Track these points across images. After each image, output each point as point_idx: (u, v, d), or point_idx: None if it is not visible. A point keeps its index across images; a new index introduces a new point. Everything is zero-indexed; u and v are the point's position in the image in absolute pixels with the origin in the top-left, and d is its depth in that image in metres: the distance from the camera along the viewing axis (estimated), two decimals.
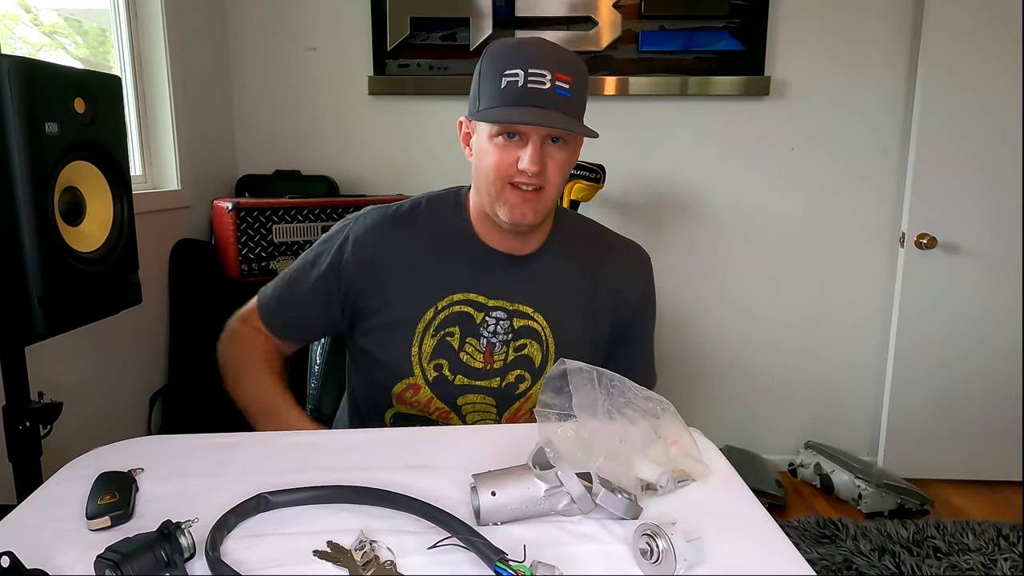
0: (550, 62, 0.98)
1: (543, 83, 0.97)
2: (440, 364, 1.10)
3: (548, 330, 1.12)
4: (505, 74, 0.98)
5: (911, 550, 2.08)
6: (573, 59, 1.03)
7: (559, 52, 1.03)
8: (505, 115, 0.99)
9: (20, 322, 1.07)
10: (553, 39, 2.39)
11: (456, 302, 1.10)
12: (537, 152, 0.99)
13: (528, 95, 0.97)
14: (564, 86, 0.98)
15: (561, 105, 0.98)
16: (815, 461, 2.59)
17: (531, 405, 1.11)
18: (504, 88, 0.98)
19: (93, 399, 1.73)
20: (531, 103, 0.97)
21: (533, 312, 1.12)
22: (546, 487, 0.70)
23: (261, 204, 2.17)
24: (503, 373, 1.11)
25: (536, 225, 1.08)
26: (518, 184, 1.02)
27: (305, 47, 2.48)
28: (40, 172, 1.05)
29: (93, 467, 0.80)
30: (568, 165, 1.05)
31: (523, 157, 1.00)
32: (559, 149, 1.02)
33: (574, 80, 0.99)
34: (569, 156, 1.05)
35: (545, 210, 1.06)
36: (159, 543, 0.60)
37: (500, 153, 1.01)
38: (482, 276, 1.11)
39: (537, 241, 1.13)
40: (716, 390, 2.70)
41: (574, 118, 1.00)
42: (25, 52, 1.80)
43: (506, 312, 1.11)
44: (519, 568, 0.58)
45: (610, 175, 2.26)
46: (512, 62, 0.98)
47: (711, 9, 2.41)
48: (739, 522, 0.73)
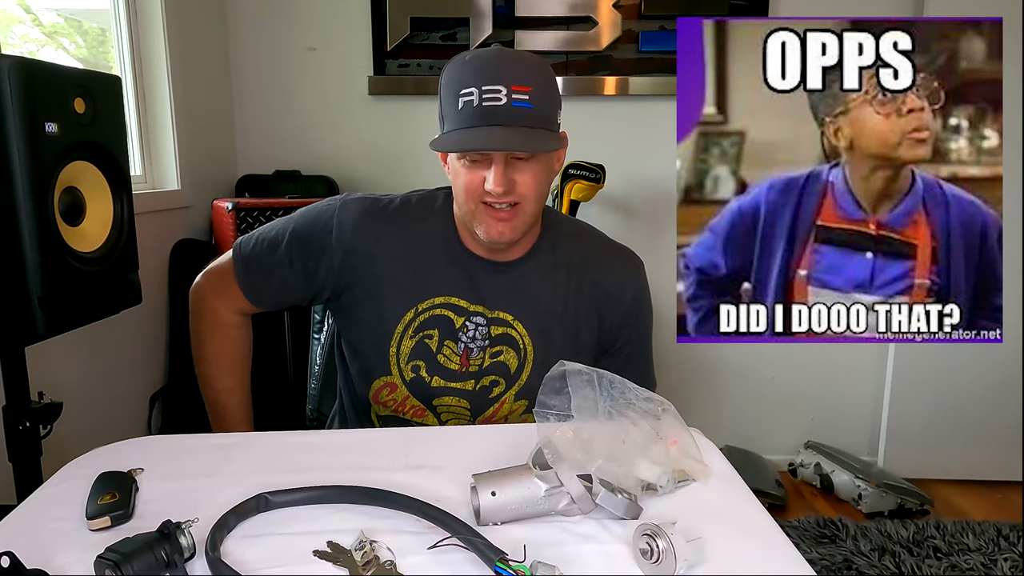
0: (504, 75, 0.95)
1: (499, 99, 0.94)
2: (418, 365, 1.10)
3: (527, 338, 1.11)
4: (461, 94, 0.96)
5: (911, 550, 2.08)
6: (531, 66, 1.00)
7: (515, 62, 1.00)
8: (461, 141, 0.97)
9: (20, 322, 1.07)
10: (553, 39, 2.43)
11: (437, 305, 1.09)
12: (501, 173, 0.97)
13: (484, 114, 0.95)
14: (522, 98, 0.95)
15: (521, 118, 0.95)
16: (815, 461, 2.58)
17: (505, 410, 1.11)
18: (461, 110, 0.96)
19: (93, 399, 1.73)
20: (489, 122, 0.95)
21: (513, 320, 1.11)
22: (546, 487, 0.70)
23: (261, 204, 2.17)
24: (478, 377, 1.10)
25: (516, 240, 1.06)
26: (491, 203, 1.00)
27: (305, 47, 2.48)
28: (40, 172, 1.05)
29: (93, 467, 0.80)
30: (543, 175, 1.02)
31: (488, 178, 0.98)
32: (528, 164, 0.99)
33: (534, 89, 0.96)
34: (543, 167, 1.02)
35: (524, 225, 1.04)
36: (159, 543, 0.60)
37: (468, 175, 1.00)
38: (465, 281, 1.10)
39: (522, 248, 1.12)
40: (716, 390, 2.70)
41: (540, 128, 0.97)
42: (25, 52, 1.80)
43: (485, 319, 1.10)
44: (519, 568, 0.59)
45: (610, 175, 2.25)
46: (466, 80, 0.96)
47: (711, 9, 2.41)
48: (739, 522, 0.73)
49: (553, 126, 1.01)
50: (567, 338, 1.13)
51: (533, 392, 1.09)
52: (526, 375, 1.11)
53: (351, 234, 1.09)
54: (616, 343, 1.18)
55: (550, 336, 1.12)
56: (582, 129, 2.44)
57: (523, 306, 1.11)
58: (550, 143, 0.99)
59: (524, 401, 1.11)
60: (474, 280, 1.10)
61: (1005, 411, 2.56)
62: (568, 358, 1.11)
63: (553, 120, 1.01)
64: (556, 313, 1.13)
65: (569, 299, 1.13)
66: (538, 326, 1.11)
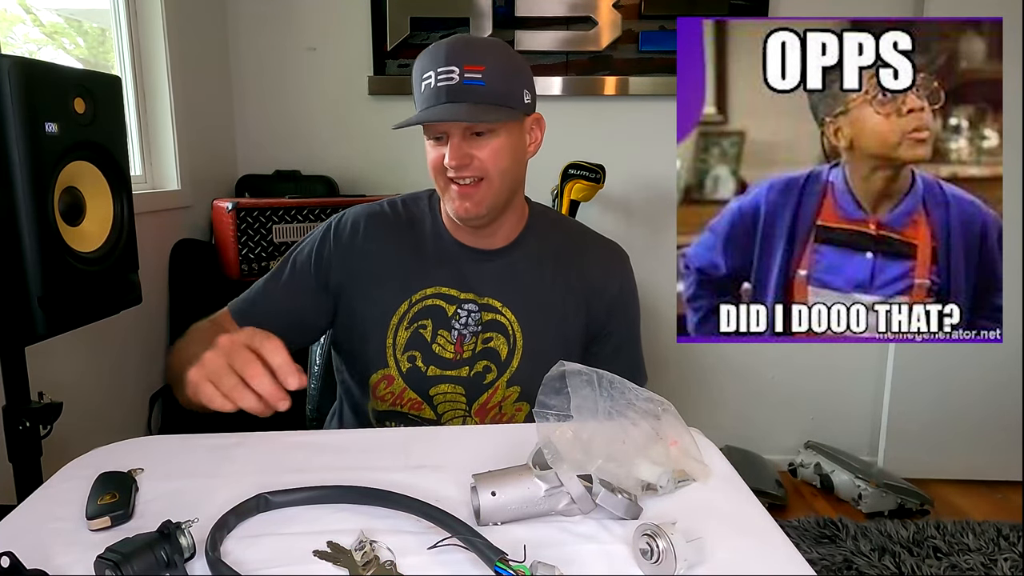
0: (458, 57, 1.01)
1: (452, 78, 1.00)
2: (414, 356, 1.12)
3: (516, 324, 1.13)
4: (423, 79, 1.03)
5: (911, 550, 2.08)
6: (488, 49, 1.05)
7: (472, 45, 1.05)
8: (415, 116, 1.04)
9: (20, 322, 1.07)
10: (553, 39, 2.43)
11: (429, 295, 1.13)
12: (456, 147, 1.03)
13: (439, 93, 1.01)
14: (475, 76, 1.01)
15: (473, 95, 1.01)
16: (815, 461, 2.58)
17: (499, 397, 1.13)
18: (422, 92, 1.04)
19: (93, 399, 1.73)
20: (443, 100, 1.01)
21: (501, 307, 1.13)
22: (546, 487, 0.70)
23: (261, 204, 2.17)
24: (471, 363, 1.12)
25: (483, 216, 1.08)
26: (454, 179, 1.05)
27: (305, 47, 2.48)
28: (40, 172, 1.05)
29: (93, 467, 0.80)
30: (507, 154, 1.05)
31: (446, 154, 1.03)
32: (487, 139, 1.04)
33: (487, 68, 1.01)
34: (506, 144, 1.05)
35: (490, 200, 1.07)
36: (159, 543, 0.60)
37: (433, 152, 1.07)
38: (453, 270, 1.14)
39: (506, 237, 1.16)
40: (716, 390, 2.70)
41: (494, 105, 1.02)
42: (25, 52, 1.80)
43: (476, 305, 1.13)
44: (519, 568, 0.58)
45: (610, 175, 2.25)
46: (427, 65, 1.03)
47: (711, 9, 2.41)
48: (739, 522, 0.73)
49: (512, 102, 1.05)
50: (555, 325, 1.15)
51: (524, 379, 1.12)
52: (516, 361, 1.12)
53: (347, 237, 1.15)
54: (603, 331, 1.20)
55: (538, 323, 1.14)
56: (582, 129, 2.46)
57: (511, 293, 1.14)
58: (501, 115, 1.03)
59: (517, 388, 1.13)
60: (461, 268, 1.14)
61: (1005, 411, 2.56)
62: (556, 345, 1.14)
63: (513, 98, 1.05)
64: (544, 300, 1.15)
65: (556, 287, 1.16)
66: (526, 313, 1.14)
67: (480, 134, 1.04)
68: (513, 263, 1.15)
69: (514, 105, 1.05)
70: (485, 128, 1.03)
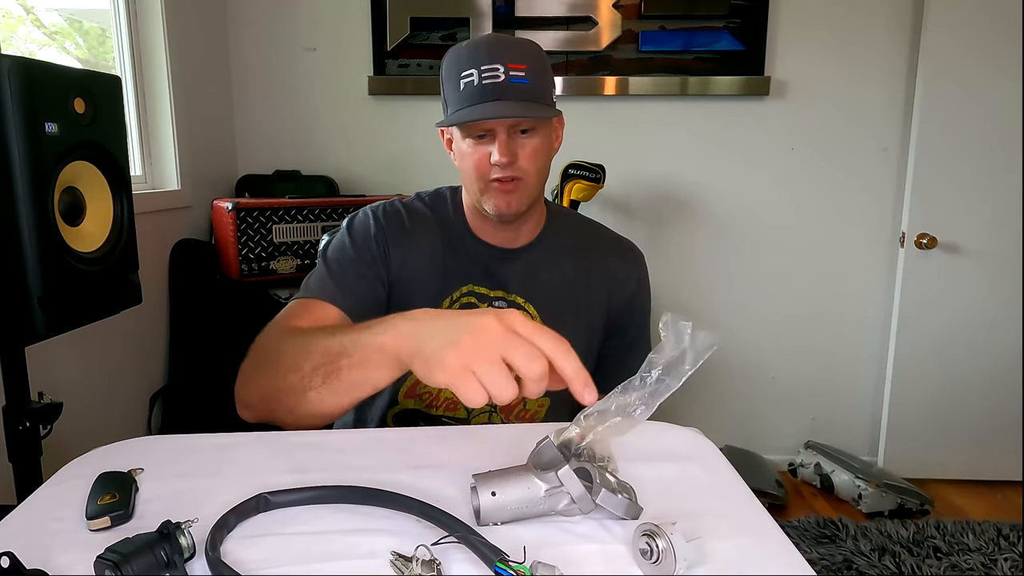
0: (501, 55, 1.01)
1: (498, 76, 1.00)
2: None
3: (539, 320, 1.13)
4: (462, 77, 1.02)
5: (911, 550, 2.08)
6: (525, 47, 1.05)
7: (510, 44, 1.06)
8: (466, 115, 1.02)
9: (20, 322, 1.07)
10: (553, 39, 2.43)
11: (465, 293, 1.14)
12: (504, 143, 1.03)
13: (485, 91, 1.01)
14: (519, 74, 1.01)
15: (519, 94, 1.01)
16: (815, 461, 2.59)
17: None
18: (463, 90, 1.03)
19: (93, 399, 1.73)
20: (489, 98, 1.01)
21: (524, 303, 1.14)
22: (546, 487, 0.70)
23: (261, 204, 2.17)
24: None
25: (521, 213, 1.10)
26: (496, 178, 1.05)
27: (305, 47, 2.48)
28: (40, 172, 1.05)
29: (93, 467, 0.80)
30: (543, 152, 1.07)
31: (493, 151, 1.03)
32: (529, 138, 1.05)
33: (529, 66, 1.02)
34: (542, 143, 1.07)
35: (528, 198, 1.08)
36: (159, 543, 0.60)
37: (475, 152, 1.06)
38: (481, 269, 1.15)
39: (529, 235, 1.17)
40: (716, 390, 2.70)
41: (536, 103, 1.03)
42: (26, 52, 1.80)
43: (506, 302, 1.14)
44: (519, 568, 0.58)
45: (610, 175, 2.26)
46: (466, 63, 1.02)
47: (711, 9, 2.42)
48: (739, 522, 0.73)
49: (549, 100, 1.07)
50: (579, 320, 1.16)
51: None
52: None
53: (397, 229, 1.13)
54: (621, 324, 1.21)
55: (562, 318, 1.14)
56: (582, 129, 2.46)
57: (534, 289, 1.15)
58: (549, 112, 1.05)
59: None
60: (488, 267, 1.15)
61: (1005, 411, 2.56)
62: (580, 340, 1.14)
63: (548, 96, 1.07)
64: (567, 295, 1.16)
65: (579, 281, 1.17)
66: (550, 308, 1.15)
67: (524, 132, 1.04)
68: (536, 260, 1.17)
69: (550, 103, 1.07)
70: (530, 125, 1.04)
